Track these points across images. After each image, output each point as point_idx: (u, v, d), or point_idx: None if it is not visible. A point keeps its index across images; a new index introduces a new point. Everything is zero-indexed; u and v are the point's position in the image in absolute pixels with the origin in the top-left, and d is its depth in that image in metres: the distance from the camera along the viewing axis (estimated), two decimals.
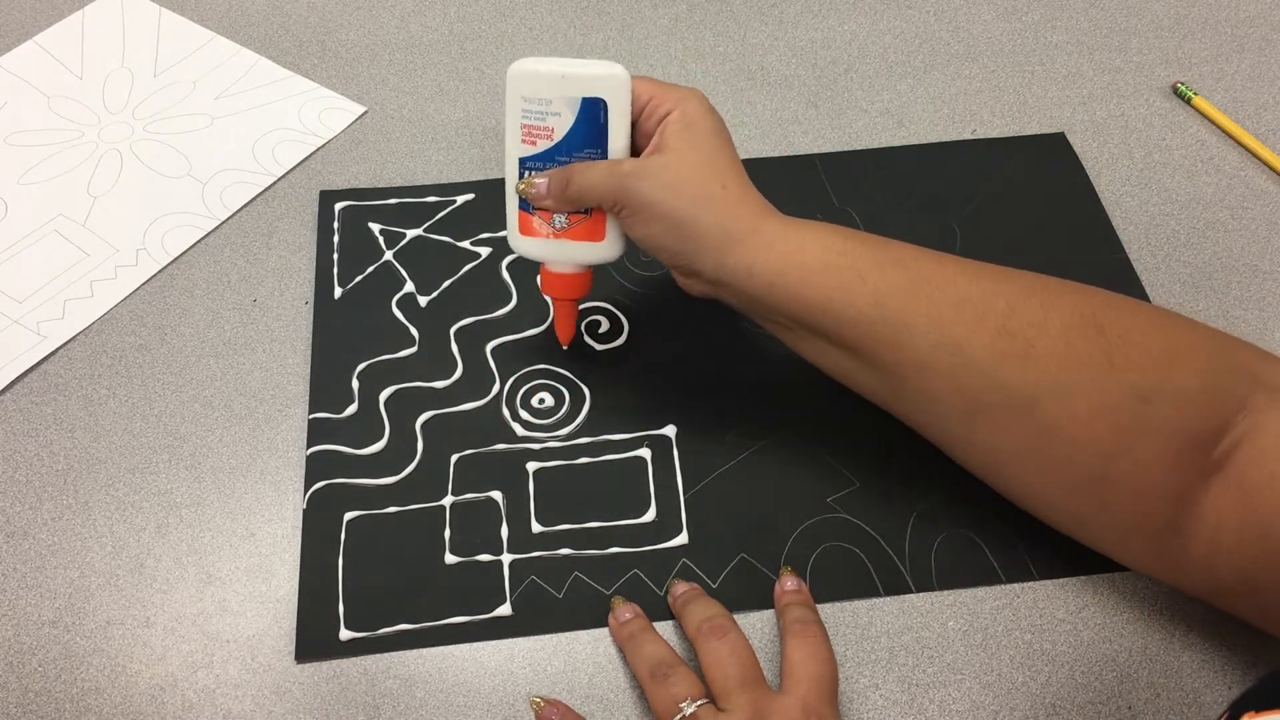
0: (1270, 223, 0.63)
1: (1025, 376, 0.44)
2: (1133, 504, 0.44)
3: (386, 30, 0.74)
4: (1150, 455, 0.43)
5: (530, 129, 0.49)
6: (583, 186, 0.48)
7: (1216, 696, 0.47)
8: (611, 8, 0.76)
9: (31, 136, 0.68)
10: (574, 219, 0.50)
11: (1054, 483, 0.46)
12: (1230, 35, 0.74)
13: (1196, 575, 0.44)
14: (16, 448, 0.54)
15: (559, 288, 0.53)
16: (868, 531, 0.51)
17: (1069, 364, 0.43)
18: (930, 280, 0.45)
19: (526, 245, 0.52)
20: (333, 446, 0.54)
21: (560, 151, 0.49)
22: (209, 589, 0.50)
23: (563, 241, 0.51)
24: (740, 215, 0.47)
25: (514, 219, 0.51)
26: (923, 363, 0.45)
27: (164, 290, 0.60)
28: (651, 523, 0.52)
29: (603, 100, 0.47)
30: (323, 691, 0.47)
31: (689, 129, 0.47)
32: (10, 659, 0.48)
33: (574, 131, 0.48)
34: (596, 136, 0.48)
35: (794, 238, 0.47)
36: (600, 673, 0.47)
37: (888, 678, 0.47)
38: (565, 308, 0.54)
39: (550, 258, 0.52)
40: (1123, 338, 0.43)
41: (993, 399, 0.44)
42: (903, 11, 0.75)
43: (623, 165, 0.48)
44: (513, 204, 0.51)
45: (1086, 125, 0.68)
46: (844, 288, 0.45)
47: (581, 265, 0.52)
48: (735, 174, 0.48)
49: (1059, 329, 0.44)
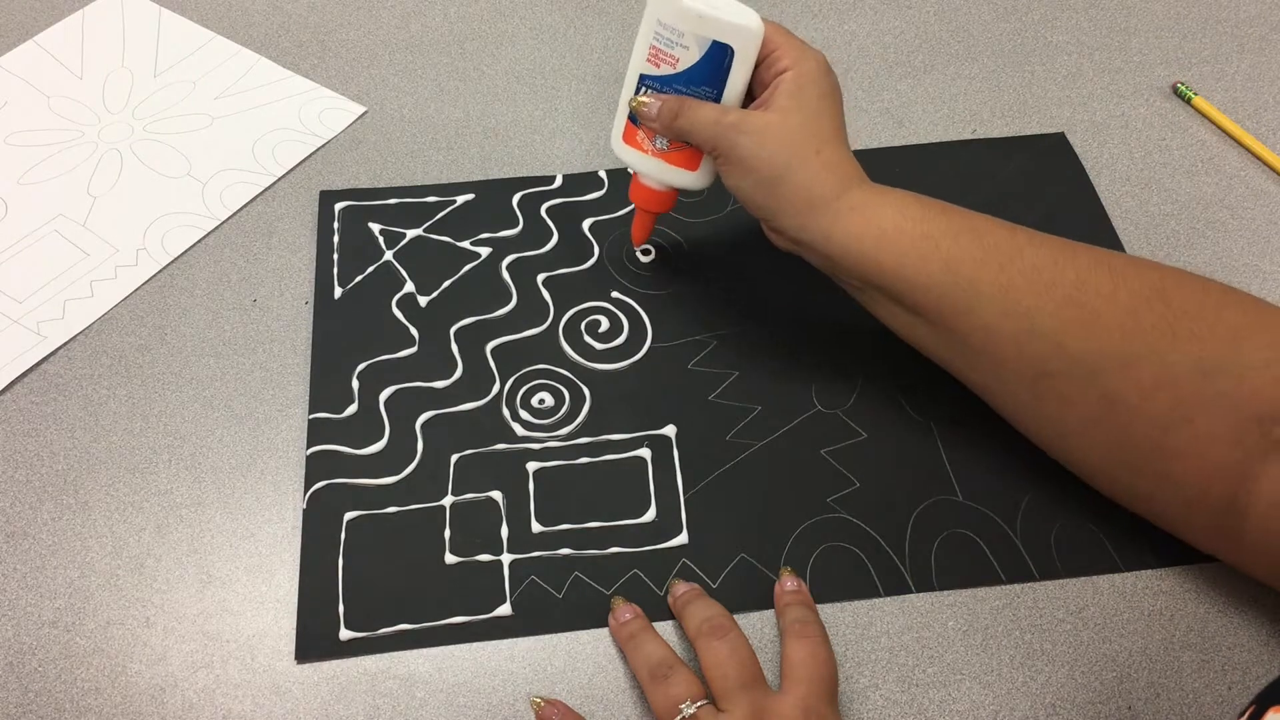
0: (1270, 223, 0.63)
1: (1090, 345, 0.45)
2: (1193, 478, 0.45)
3: (386, 30, 0.74)
4: (1209, 429, 0.43)
5: (658, 51, 0.51)
6: (689, 123, 0.51)
7: (1216, 696, 0.47)
8: (611, 8, 0.76)
9: (31, 136, 0.68)
10: (674, 144, 0.53)
11: (1116, 454, 0.47)
12: (1230, 35, 0.74)
13: (1254, 554, 0.45)
14: (16, 448, 0.54)
15: (645, 199, 0.56)
16: (868, 531, 0.51)
17: (1134, 335, 0.44)
18: (1002, 249, 0.47)
19: (626, 153, 0.55)
20: (333, 446, 0.54)
21: (679, 81, 0.51)
22: (209, 589, 0.50)
23: (659, 160, 0.54)
24: (827, 181, 0.49)
25: (620, 125, 0.54)
26: (990, 328, 0.47)
27: (164, 290, 0.60)
28: (651, 523, 0.52)
29: (730, 48, 0.50)
30: (323, 691, 0.47)
31: (801, 90, 0.49)
32: (10, 659, 0.48)
33: (697, 67, 0.50)
34: (716, 77, 0.51)
35: (874, 204, 0.49)
36: (600, 673, 0.47)
37: (888, 678, 0.47)
38: (645, 216, 0.57)
39: (644, 171, 0.55)
40: (1189, 312, 0.44)
41: (1057, 366, 0.46)
42: (903, 11, 0.75)
43: (729, 115, 0.50)
44: (623, 111, 0.54)
45: (1086, 125, 0.68)
46: (917, 253, 0.47)
47: (670, 186, 0.55)
48: (834, 140, 0.50)
49: (1126, 300, 0.45)
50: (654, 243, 0.62)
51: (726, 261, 0.61)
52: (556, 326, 0.58)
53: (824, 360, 0.57)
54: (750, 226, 0.63)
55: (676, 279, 0.61)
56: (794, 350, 0.57)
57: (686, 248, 0.62)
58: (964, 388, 0.53)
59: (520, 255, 0.62)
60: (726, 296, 0.60)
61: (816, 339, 0.58)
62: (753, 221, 0.54)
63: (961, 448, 0.54)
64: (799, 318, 0.59)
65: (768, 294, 0.60)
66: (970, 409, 0.54)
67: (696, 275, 0.61)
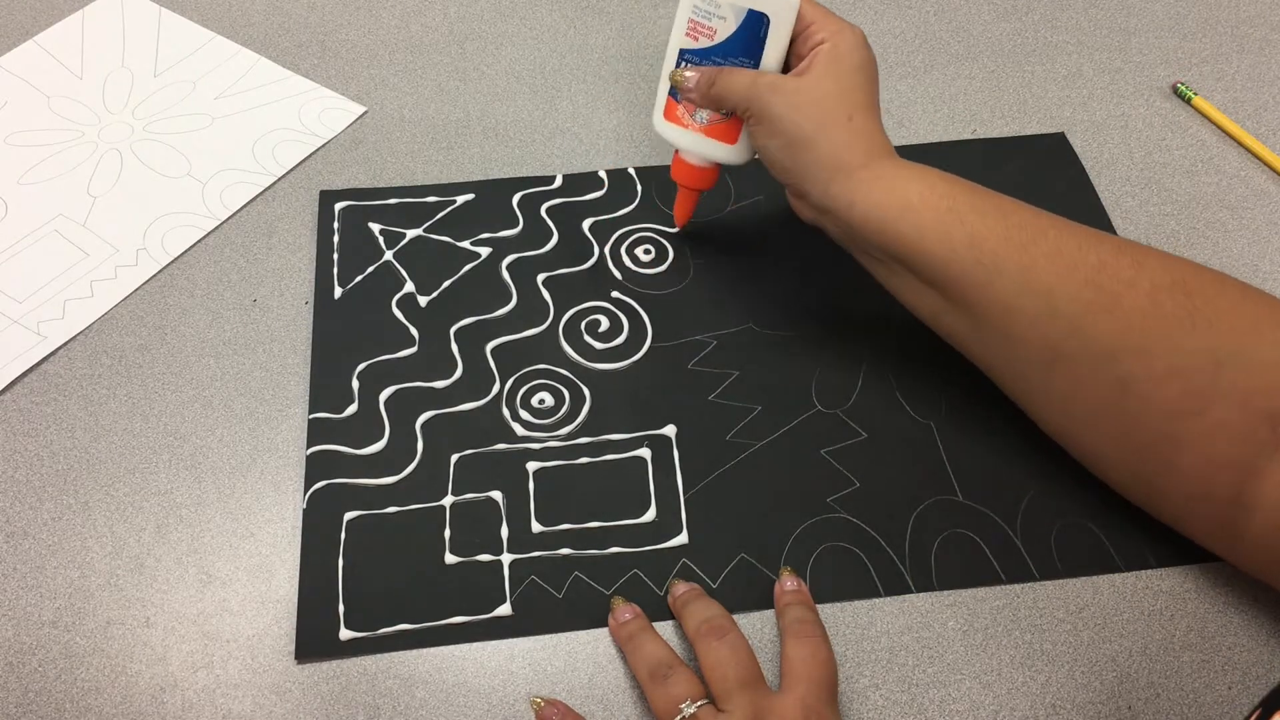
0: (1270, 223, 0.63)
1: (1108, 329, 0.45)
2: (1198, 471, 0.45)
3: (386, 30, 0.74)
4: (1219, 421, 0.43)
5: (696, 25, 0.52)
6: (725, 88, 0.52)
7: (1216, 696, 0.47)
8: (611, 8, 0.76)
9: (31, 136, 0.68)
10: (714, 118, 0.54)
11: (1123, 441, 0.47)
12: (1230, 35, 0.74)
13: (1256, 552, 0.45)
14: (16, 448, 0.54)
15: (687, 176, 0.57)
16: (868, 531, 0.51)
17: (1153, 321, 0.44)
18: (1026, 229, 0.47)
19: (668, 130, 0.56)
20: (333, 446, 0.54)
21: (718, 52, 0.52)
22: (209, 589, 0.50)
23: (700, 135, 0.55)
24: (855, 148, 0.50)
25: (662, 103, 0.55)
26: (1009, 306, 0.47)
27: (164, 290, 0.60)
28: (651, 523, 0.52)
29: (767, 16, 0.51)
30: (323, 691, 0.47)
31: (837, 61, 0.50)
32: (10, 659, 0.48)
33: (734, 37, 0.52)
34: (754, 47, 0.52)
35: (900, 176, 0.49)
36: (600, 673, 0.47)
37: (888, 678, 0.47)
38: (687, 195, 0.59)
39: (686, 147, 0.56)
40: (1208, 303, 0.44)
41: (1073, 348, 0.46)
42: (903, 11, 0.75)
43: (764, 78, 0.51)
44: (664, 89, 0.55)
45: (1086, 125, 0.68)
46: (941, 227, 0.48)
47: (710, 161, 0.56)
48: (866, 110, 0.51)
49: (1148, 288, 0.45)
50: (654, 243, 0.62)
51: (727, 261, 0.61)
52: (556, 326, 0.58)
53: (824, 361, 0.57)
54: (751, 226, 0.63)
55: (676, 279, 0.61)
56: (794, 350, 0.57)
57: (687, 248, 0.62)
58: (964, 388, 0.53)
59: (520, 255, 0.62)
60: (726, 296, 0.60)
61: (817, 339, 0.58)
62: (753, 221, 0.54)
63: (961, 448, 0.54)
64: (799, 318, 0.59)
65: (768, 294, 0.60)
66: (970, 409, 0.54)
67: (697, 275, 0.61)
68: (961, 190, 0.49)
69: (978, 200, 0.48)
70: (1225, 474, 0.44)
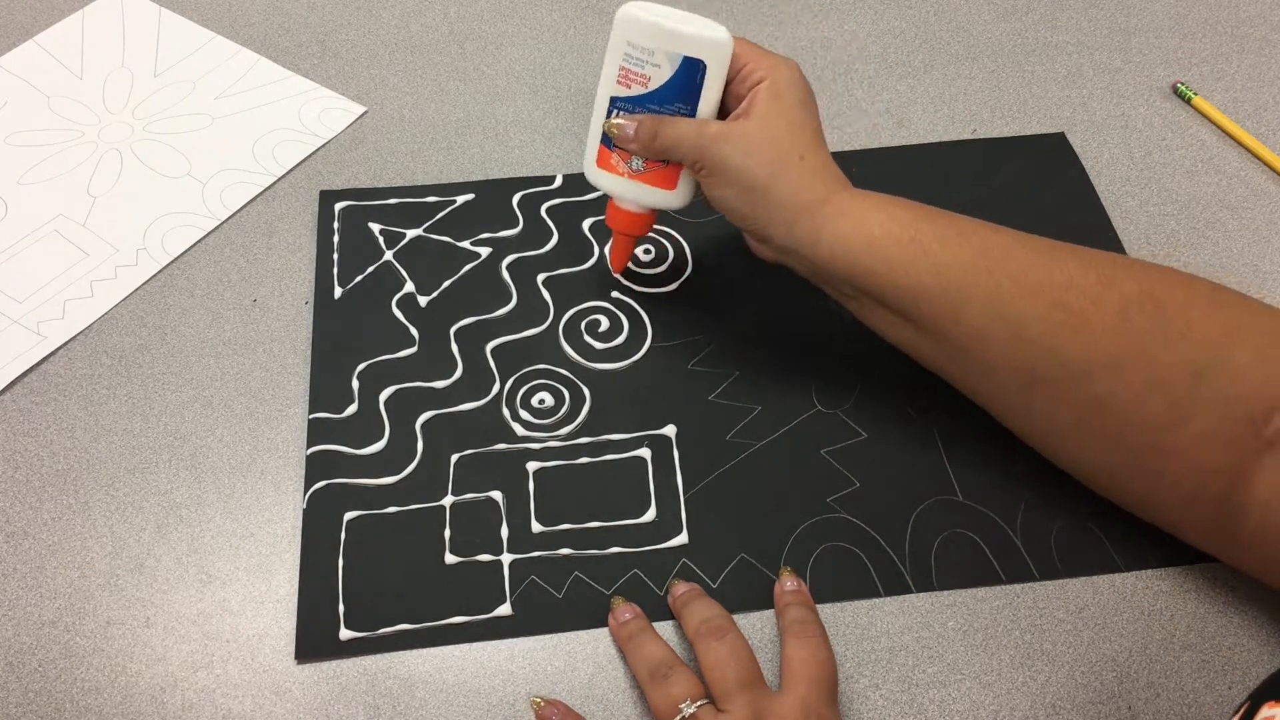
0: (1270, 223, 0.63)
1: (1080, 348, 0.45)
2: (1187, 478, 0.45)
3: (386, 30, 0.74)
4: (1203, 429, 0.43)
5: (628, 73, 0.51)
6: (670, 141, 0.50)
7: (1216, 697, 0.47)
8: (611, 8, 0.76)
9: (31, 136, 0.68)
10: (650, 165, 0.53)
11: (1110, 455, 0.47)
12: (1230, 35, 0.74)
13: (1249, 551, 0.45)
14: (16, 448, 0.54)
15: (623, 223, 0.55)
16: (868, 531, 0.51)
17: (1124, 337, 0.44)
18: (990, 253, 0.47)
19: (601, 178, 0.54)
20: (333, 446, 0.54)
21: (652, 100, 0.51)
22: (209, 589, 0.50)
23: (636, 182, 0.53)
24: (813, 186, 0.49)
25: (593, 151, 0.54)
26: (980, 333, 0.47)
27: (164, 290, 0.60)
28: (651, 523, 0.52)
29: (702, 62, 0.49)
30: (323, 691, 0.47)
31: (778, 99, 0.49)
32: (10, 659, 0.48)
33: (669, 84, 0.50)
34: (690, 93, 0.50)
35: (861, 209, 0.49)
36: (600, 673, 0.47)
37: (888, 678, 0.47)
38: (623, 241, 0.57)
39: (621, 195, 0.54)
40: (1180, 313, 0.44)
41: (1048, 370, 0.46)
42: (903, 11, 0.75)
43: (710, 127, 0.50)
44: (595, 136, 0.53)
45: (1086, 125, 0.68)
46: (906, 259, 0.47)
47: (648, 207, 0.54)
48: (815, 145, 0.50)
49: (1116, 304, 0.45)
50: (654, 242, 0.62)
51: (727, 261, 0.61)
52: (556, 326, 0.58)
53: (824, 360, 0.57)
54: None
55: (676, 279, 0.61)
56: (794, 350, 0.57)
57: (687, 248, 0.62)
58: None
59: (520, 255, 0.62)
60: (727, 296, 0.60)
61: (817, 338, 0.58)
62: None
63: (961, 448, 0.54)
64: (799, 317, 0.59)
65: (768, 294, 0.60)
66: (970, 409, 0.54)
67: (696, 275, 0.61)
68: (923, 218, 0.48)
69: (939, 228, 0.48)
70: (1213, 480, 0.44)
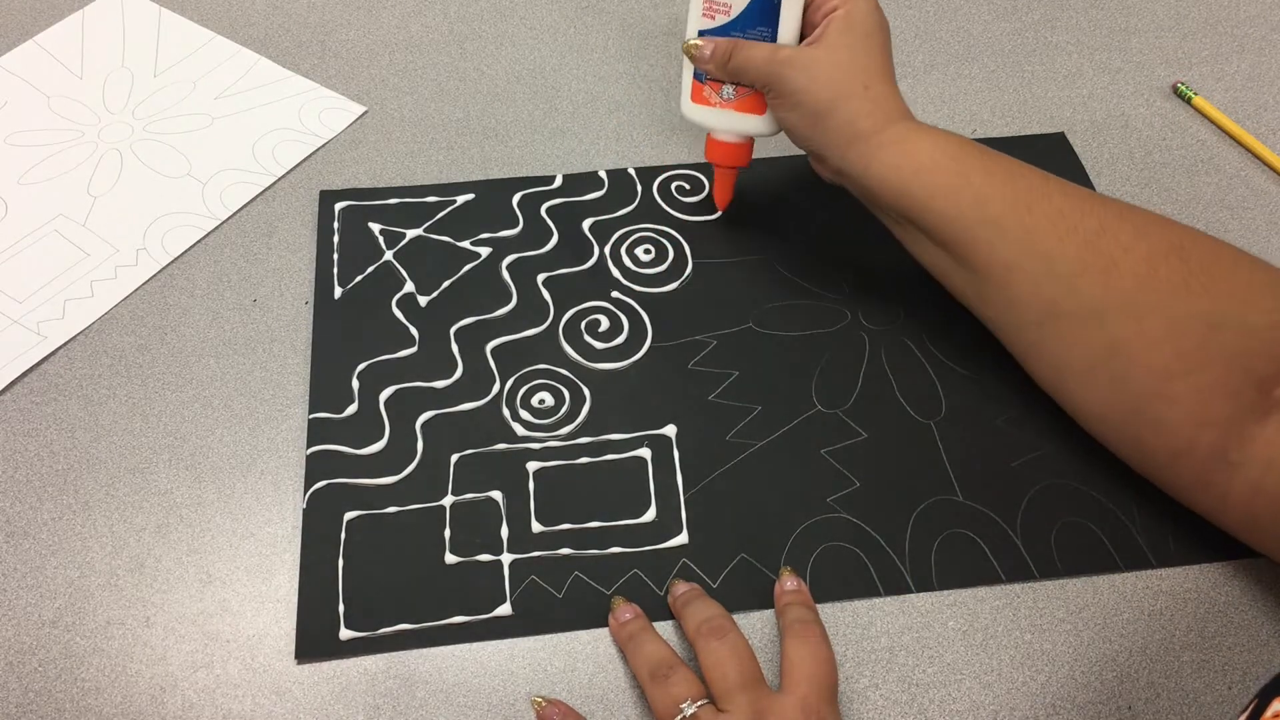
0: (1270, 223, 0.63)
1: (1103, 290, 0.46)
2: (1185, 427, 0.46)
3: (386, 30, 0.74)
4: (1210, 381, 0.44)
5: (711, 4, 0.53)
6: (743, 63, 0.53)
7: (1217, 697, 0.47)
8: (611, 8, 0.76)
9: (31, 136, 0.68)
10: (740, 91, 0.55)
11: (1114, 397, 0.48)
12: (1230, 35, 0.74)
13: (1236, 511, 0.46)
14: (16, 448, 0.54)
15: (722, 155, 0.58)
16: (868, 531, 0.51)
17: (1148, 285, 0.46)
18: (1032, 191, 0.49)
19: (696, 112, 0.57)
20: (333, 446, 0.54)
21: (735, 26, 0.54)
22: (209, 589, 0.50)
23: (729, 112, 0.56)
24: (873, 115, 0.51)
25: (688, 88, 0.56)
26: (1011, 265, 0.49)
27: (164, 290, 0.60)
28: (651, 523, 0.52)
29: None
30: (323, 691, 0.47)
31: (850, 29, 0.52)
32: (10, 659, 0.48)
33: (748, 11, 0.53)
34: (769, 18, 0.53)
35: (913, 139, 0.51)
36: (600, 673, 0.47)
37: (888, 678, 0.47)
38: (725, 175, 0.59)
39: (717, 126, 0.57)
40: (1204, 268, 0.46)
41: (1068, 307, 0.47)
42: (903, 11, 0.75)
43: (781, 52, 0.52)
44: (688, 74, 0.56)
45: (1086, 125, 0.68)
46: (950, 188, 0.50)
47: (743, 135, 0.57)
48: (881, 76, 0.52)
49: (1145, 253, 0.46)
50: (654, 242, 0.62)
51: (727, 261, 0.61)
52: (556, 326, 0.58)
53: (824, 360, 0.57)
54: (751, 226, 0.63)
55: (676, 279, 0.61)
56: (794, 350, 0.57)
57: (687, 248, 0.62)
58: (963, 388, 0.53)
59: (520, 255, 0.62)
60: (726, 296, 0.60)
61: (816, 338, 0.58)
62: (754, 220, 0.54)
63: (961, 448, 0.54)
64: (799, 317, 0.59)
65: (768, 294, 0.60)
66: (970, 409, 0.54)
67: (697, 275, 0.61)
68: (972, 153, 0.51)
69: (988, 163, 0.50)
70: (1210, 430, 0.45)
